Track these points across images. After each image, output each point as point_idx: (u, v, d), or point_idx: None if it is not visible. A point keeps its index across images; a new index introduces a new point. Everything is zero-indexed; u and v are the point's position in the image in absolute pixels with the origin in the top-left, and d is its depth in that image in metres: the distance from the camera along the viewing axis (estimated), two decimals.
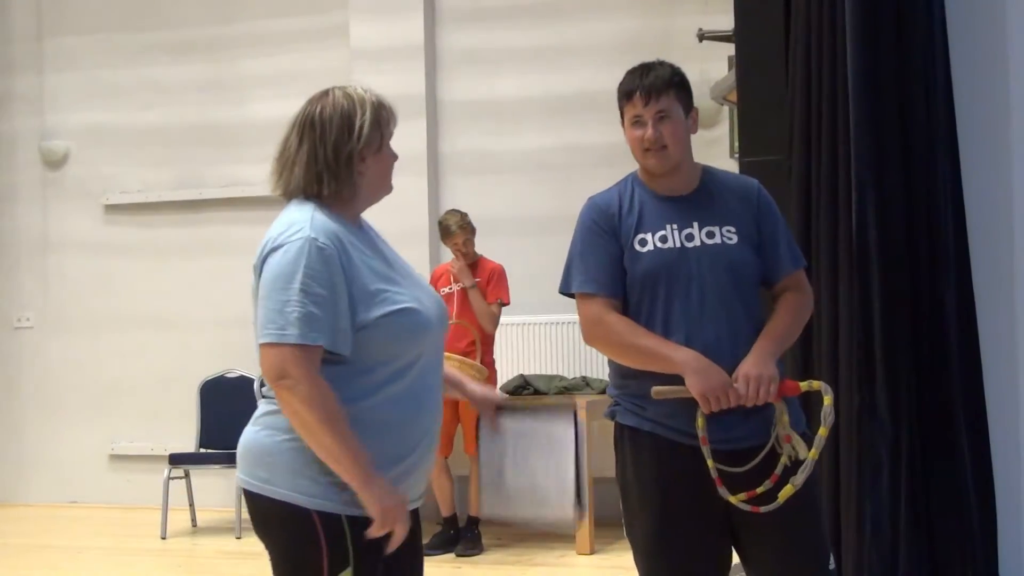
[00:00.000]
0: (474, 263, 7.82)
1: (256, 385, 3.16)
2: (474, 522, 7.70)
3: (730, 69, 6.90)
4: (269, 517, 3.01)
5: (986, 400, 4.72)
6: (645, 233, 3.61)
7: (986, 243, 4.85)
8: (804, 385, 3.59)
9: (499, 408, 3.45)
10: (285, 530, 2.98)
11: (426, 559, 3.35)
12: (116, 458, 9.85)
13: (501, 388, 7.86)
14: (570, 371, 8.34)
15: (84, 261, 9.98)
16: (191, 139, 9.71)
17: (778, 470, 3.49)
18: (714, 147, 8.29)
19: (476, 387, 3.48)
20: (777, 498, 3.44)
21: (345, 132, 3.03)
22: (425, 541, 7.34)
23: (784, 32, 5.04)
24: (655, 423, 3.57)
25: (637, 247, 3.60)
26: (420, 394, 3.05)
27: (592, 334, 3.64)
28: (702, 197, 3.66)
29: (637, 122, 3.66)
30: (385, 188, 3.17)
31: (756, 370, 3.46)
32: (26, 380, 10.13)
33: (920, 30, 4.67)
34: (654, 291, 3.57)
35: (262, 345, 2.93)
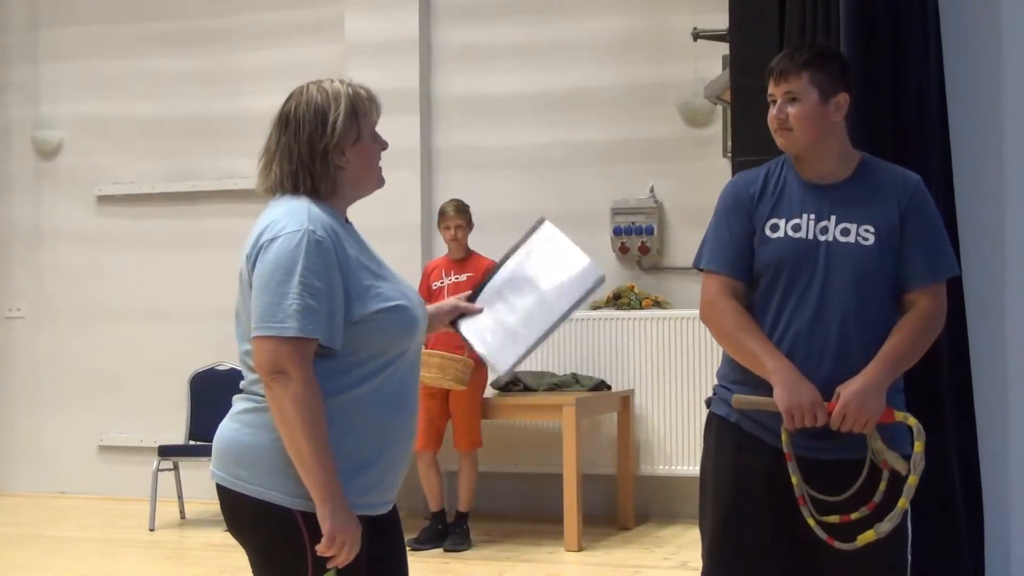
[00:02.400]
0: (467, 258, 7.82)
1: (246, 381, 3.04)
2: (463, 517, 7.71)
3: (724, 68, 6.92)
4: (249, 517, 2.97)
5: (975, 401, 4.73)
6: (779, 218, 3.53)
7: (977, 243, 4.86)
8: (900, 416, 3.44)
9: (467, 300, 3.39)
10: (267, 530, 2.94)
11: (415, 554, 3.33)
12: (105, 449, 9.84)
13: (491, 384, 7.88)
14: (560, 368, 8.35)
15: (76, 252, 9.97)
16: (185, 131, 9.71)
17: (877, 498, 3.40)
18: (708, 146, 8.33)
19: (442, 305, 3.42)
20: (856, 539, 3.36)
21: (319, 127, 3.02)
22: (414, 536, 7.36)
23: (779, 32, 5.04)
24: (743, 415, 3.53)
25: (768, 231, 3.53)
26: (401, 391, 3.02)
27: (705, 314, 3.61)
28: (850, 189, 3.54)
29: (771, 100, 3.59)
30: (372, 180, 3.14)
31: (859, 401, 3.35)
32: (17, 370, 10.12)
33: (914, 31, 4.68)
34: (775, 279, 3.50)
35: (257, 338, 2.88)
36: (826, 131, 3.54)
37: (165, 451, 8.66)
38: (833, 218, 3.50)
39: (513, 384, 8.00)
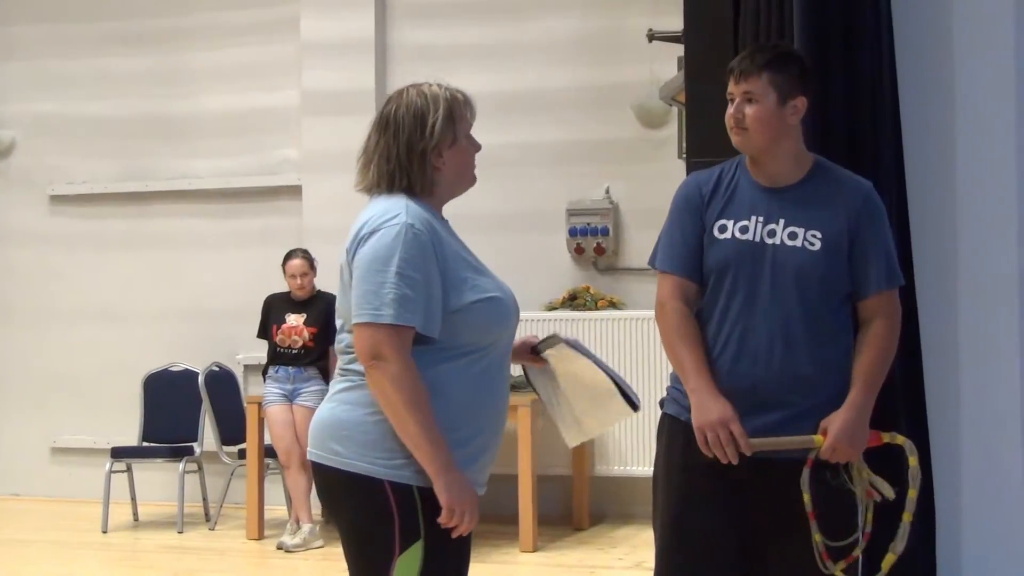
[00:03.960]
0: None
1: (340, 361, 3.22)
2: None
3: (679, 70, 6.93)
4: (341, 490, 3.06)
5: (926, 400, 4.76)
6: (728, 219, 3.55)
7: (929, 240, 4.90)
8: (887, 437, 3.49)
9: (533, 349, 3.48)
10: (357, 502, 3.04)
11: None
12: (58, 451, 9.77)
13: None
14: (515, 369, 8.33)
15: (28, 252, 9.88)
16: (139, 131, 9.64)
17: (868, 528, 3.45)
18: (663, 147, 8.35)
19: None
20: (881, 568, 3.44)
21: (417, 130, 3.14)
22: None
23: (733, 33, 5.06)
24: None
25: (716, 232, 3.55)
26: (495, 379, 3.15)
27: (656, 314, 3.64)
28: (801, 193, 3.54)
29: (729, 99, 3.59)
30: (467, 179, 3.27)
31: (848, 436, 3.39)
32: None
33: (867, 31, 4.72)
34: (721, 280, 3.52)
35: (357, 325, 3.01)
36: (781, 133, 3.55)
37: (118, 453, 8.61)
38: (782, 221, 3.51)
39: None
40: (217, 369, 8.80)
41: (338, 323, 3.20)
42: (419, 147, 3.14)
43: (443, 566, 3.04)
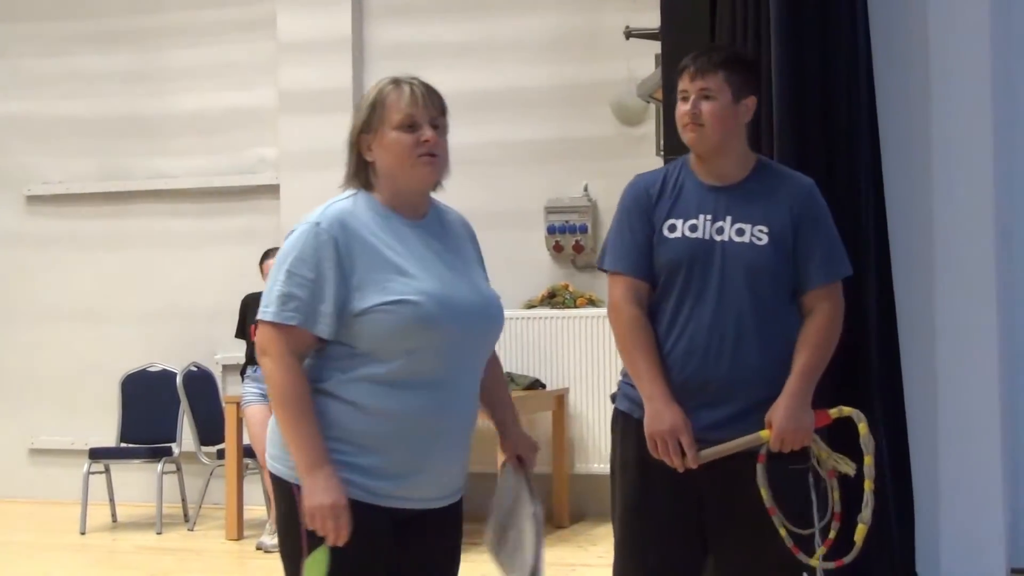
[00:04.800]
0: None
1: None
2: None
3: (657, 67, 6.94)
4: (275, 490, 3.08)
5: (904, 394, 4.78)
6: (677, 219, 3.58)
7: (906, 234, 4.92)
8: (835, 413, 3.53)
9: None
10: (279, 502, 3.04)
11: None
12: (36, 452, 9.73)
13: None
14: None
15: (5, 252, 9.84)
16: (115, 130, 9.61)
17: (838, 508, 3.48)
18: (641, 144, 8.34)
19: (517, 431, 3.37)
20: (855, 541, 3.46)
21: (353, 120, 3.13)
22: None
23: (710, 30, 5.07)
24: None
25: (665, 232, 3.58)
26: (417, 392, 2.96)
27: (610, 317, 3.66)
28: (746, 191, 3.60)
29: (683, 97, 3.62)
30: (405, 173, 3.06)
31: (792, 422, 3.43)
32: None
33: (844, 27, 4.73)
34: (673, 279, 3.56)
35: (257, 321, 3.04)
36: (734, 131, 3.61)
37: (96, 454, 8.57)
38: (729, 218, 3.56)
39: None
40: (195, 369, 8.77)
41: None
42: (352, 137, 3.11)
43: (355, 571, 2.93)
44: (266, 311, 2.96)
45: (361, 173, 3.08)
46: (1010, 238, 5.35)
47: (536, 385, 8.13)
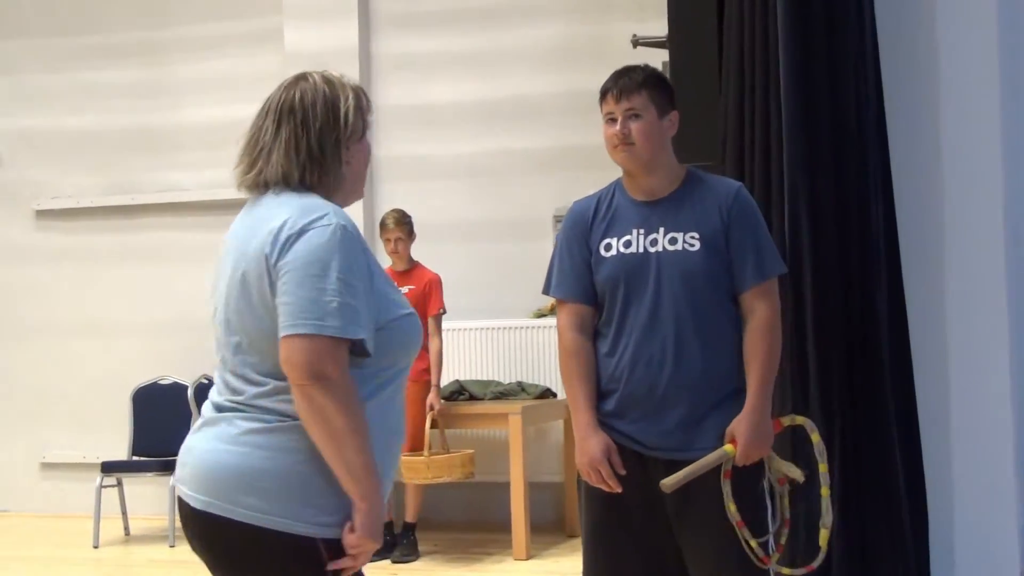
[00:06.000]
0: (410, 269, 7.77)
1: (217, 396, 2.78)
2: (410, 528, 7.68)
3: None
4: (260, 551, 2.63)
5: (917, 398, 4.78)
6: (612, 238, 3.68)
7: (917, 243, 4.91)
8: (787, 421, 3.68)
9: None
10: (283, 563, 2.64)
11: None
12: (48, 466, 9.74)
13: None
14: (505, 376, 8.35)
15: (15, 267, 9.86)
16: (124, 144, 9.63)
17: (787, 514, 3.61)
18: None
19: None
20: (820, 545, 3.62)
21: (331, 118, 2.78)
22: None
23: (717, 38, 5.08)
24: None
25: (602, 252, 3.68)
26: (401, 402, 2.83)
27: (558, 342, 3.77)
28: (676, 201, 3.68)
29: (610, 119, 3.75)
30: (362, 182, 2.90)
31: (757, 438, 3.54)
32: None
33: (851, 37, 4.73)
34: (614, 296, 3.65)
35: (292, 336, 2.58)
36: (662, 146, 3.72)
37: (108, 467, 8.58)
38: (661, 230, 3.65)
39: (459, 393, 7.98)
40: (206, 382, 8.77)
41: (231, 341, 2.77)
42: (332, 137, 2.78)
43: None
44: (327, 325, 2.56)
45: (338, 176, 2.81)
46: (1020, 241, 5.35)
47: (547, 394, 8.13)
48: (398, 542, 7.62)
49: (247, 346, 2.73)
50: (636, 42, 7.76)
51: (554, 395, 8.18)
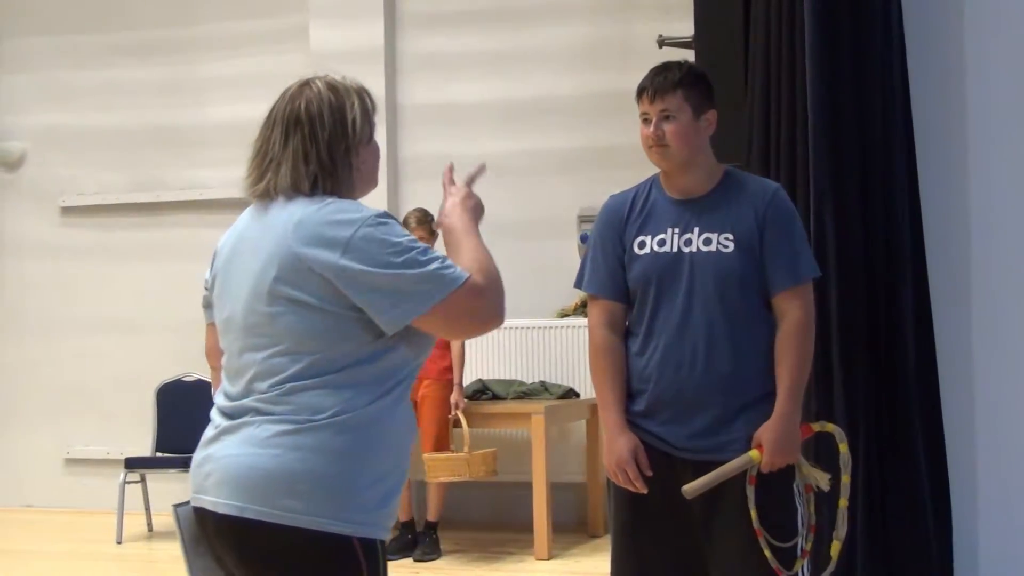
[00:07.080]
0: None
1: (229, 401, 2.80)
2: (432, 527, 7.68)
3: None
4: (297, 551, 2.62)
5: (942, 404, 4.75)
6: (646, 235, 3.66)
7: (943, 248, 4.89)
8: (817, 427, 3.64)
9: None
10: (319, 562, 2.62)
11: None
12: (72, 462, 9.77)
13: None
14: (529, 376, 8.34)
15: (40, 263, 9.90)
16: (149, 141, 9.66)
17: (814, 520, 3.58)
18: None
19: None
20: (831, 555, 3.58)
21: (338, 128, 2.78)
22: None
23: (743, 39, 5.07)
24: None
25: (636, 249, 3.66)
26: (408, 397, 2.80)
27: (589, 338, 3.76)
28: (713, 201, 3.65)
29: (644, 119, 3.69)
30: (373, 182, 2.91)
31: (784, 444, 3.50)
32: None
33: (878, 38, 4.71)
34: (645, 294, 3.63)
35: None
36: (698, 147, 3.67)
37: (132, 463, 8.60)
38: (696, 230, 3.62)
39: (482, 393, 7.98)
40: None
41: (255, 343, 2.72)
42: (342, 146, 2.78)
43: None
44: (458, 277, 2.66)
45: (349, 183, 2.82)
46: None
47: (570, 394, 8.12)
48: (419, 541, 7.62)
49: (284, 348, 2.68)
50: (662, 42, 7.75)
51: (577, 395, 8.17)
